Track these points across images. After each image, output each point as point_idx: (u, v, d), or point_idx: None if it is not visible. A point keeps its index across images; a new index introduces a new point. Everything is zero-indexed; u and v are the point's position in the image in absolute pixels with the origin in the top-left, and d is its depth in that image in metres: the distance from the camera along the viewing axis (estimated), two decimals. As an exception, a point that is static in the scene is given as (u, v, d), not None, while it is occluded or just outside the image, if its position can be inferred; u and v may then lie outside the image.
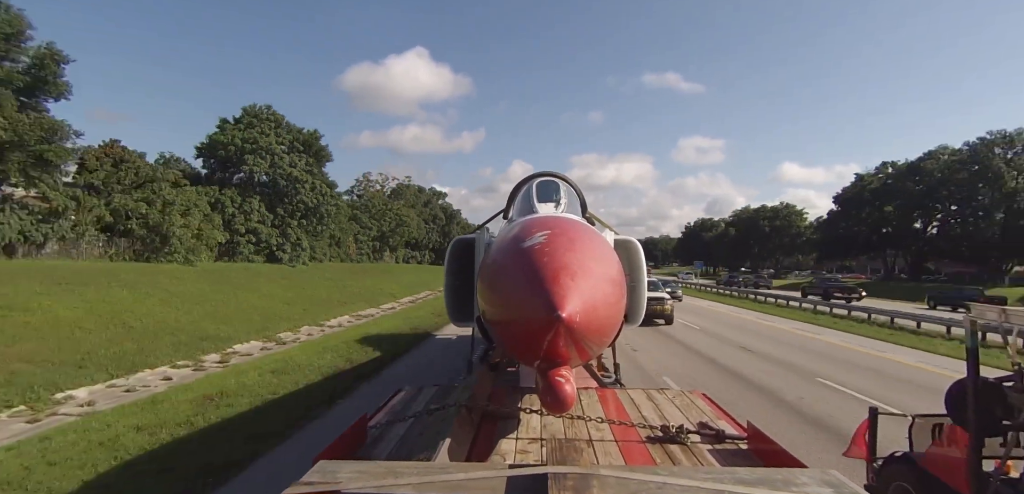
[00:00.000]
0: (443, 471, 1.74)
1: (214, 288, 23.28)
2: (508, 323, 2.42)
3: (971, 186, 50.23)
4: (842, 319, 24.77)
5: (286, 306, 23.82)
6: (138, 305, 17.72)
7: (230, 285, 25.16)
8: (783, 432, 7.50)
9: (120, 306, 17.00)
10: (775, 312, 29.01)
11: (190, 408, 8.76)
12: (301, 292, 28.05)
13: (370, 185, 73.23)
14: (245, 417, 8.53)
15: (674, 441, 2.88)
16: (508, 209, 5.19)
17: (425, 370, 12.52)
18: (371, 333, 18.64)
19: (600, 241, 2.75)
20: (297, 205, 37.08)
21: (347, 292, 31.40)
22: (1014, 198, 47.89)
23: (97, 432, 7.50)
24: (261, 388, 10.30)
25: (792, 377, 11.89)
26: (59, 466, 6.27)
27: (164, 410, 8.65)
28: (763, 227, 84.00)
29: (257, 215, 34.52)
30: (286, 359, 13.28)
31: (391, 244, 65.28)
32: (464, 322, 5.31)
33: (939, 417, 3.59)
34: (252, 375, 11.41)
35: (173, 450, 6.99)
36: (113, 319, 15.69)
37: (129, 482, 6.00)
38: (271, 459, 6.82)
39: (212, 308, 19.92)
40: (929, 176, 52.66)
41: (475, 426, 3.09)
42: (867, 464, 4.07)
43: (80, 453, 6.67)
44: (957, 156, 51.61)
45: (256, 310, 21.53)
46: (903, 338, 18.48)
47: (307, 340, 17.64)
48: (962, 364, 10.21)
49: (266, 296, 24.96)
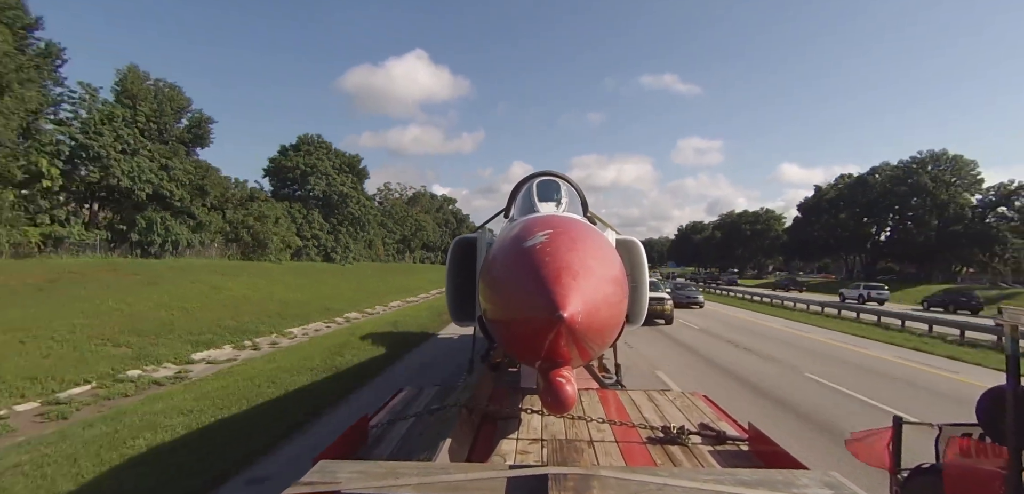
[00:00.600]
0: (443, 471, 1.78)
1: (302, 279, 32.72)
2: (509, 323, 2.42)
3: (907, 198, 59.17)
4: (791, 310, 30.48)
5: (354, 292, 33.18)
6: (272, 288, 27.12)
7: (308, 277, 34.64)
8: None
9: (264, 288, 26.39)
10: (738, 304, 36.14)
11: (351, 336, 17.92)
12: (359, 284, 37.46)
13: (390, 194, 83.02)
14: (394, 339, 17.63)
15: (675, 442, 2.89)
16: (509, 208, 5.12)
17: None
18: (423, 310, 27.79)
19: (602, 241, 2.72)
20: (346, 215, 46.82)
21: (389, 285, 40.76)
22: (946, 208, 56.66)
23: (301, 351, 16.25)
24: (393, 330, 19.49)
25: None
26: (286, 369, 11.88)
27: (336, 339, 17.70)
28: (745, 231, 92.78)
29: (317, 224, 44.10)
30: (394, 319, 22.59)
31: (411, 246, 74.96)
32: (466, 322, 5.26)
33: (968, 426, 3.32)
34: (383, 324, 20.75)
35: (349, 353, 15.28)
36: (266, 296, 25.04)
37: (328, 366, 12.52)
38: (409, 359, 15.66)
39: (315, 292, 29.32)
40: (872, 189, 61.64)
41: (476, 426, 3.10)
42: (891, 476, 3.73)
43: (295, 362, 12.59)
44: (896, 171, 60.56)
45: (338, 294, 30.86)
46: (828, 322, 24.61)
47: (388, 312, 26.92)
48: (851, 338, 17.40)
49: (336, 285, 34.41)
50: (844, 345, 17.12)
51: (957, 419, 3.58)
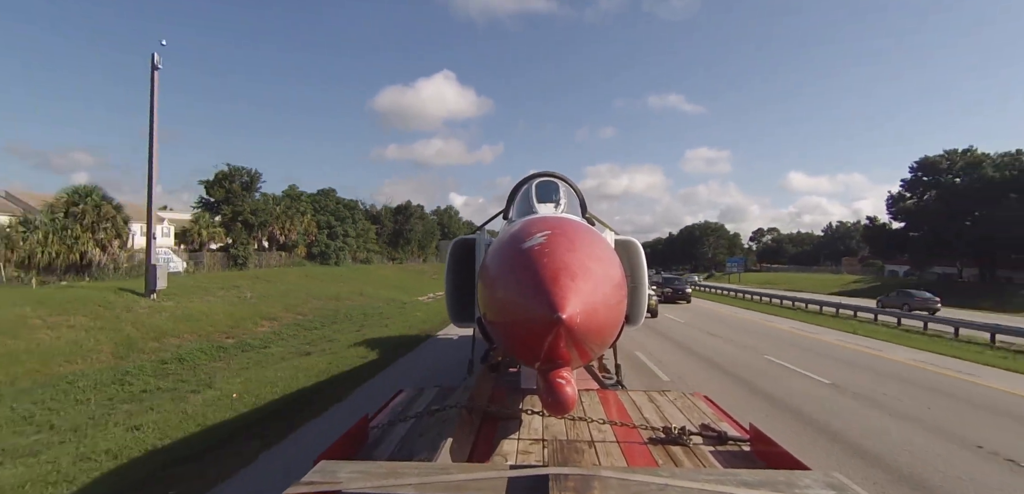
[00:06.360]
0: (444, 472, 1.77)
1: (361, 274, 43.28)
2: (508, 324, 2.37)
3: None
4: (727, 296, 41.40)
5: (430, 281, 45.90)
6: (356, 280, 37.86)
7: (363, 275, 44.01)
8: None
9: (347, 284, 34.90)
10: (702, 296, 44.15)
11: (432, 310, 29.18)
12: (416, 278, 48.20)
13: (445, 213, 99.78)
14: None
15: (676, 442, 2.87)
16: (508, 209, 5.06)
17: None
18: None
19: (601, 241, 2.70)
20: (412, 235, 67.84)
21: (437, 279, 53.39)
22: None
23: (411, 309, 27.61)
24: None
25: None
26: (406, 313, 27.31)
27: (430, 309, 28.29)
28: (697, 237, 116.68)
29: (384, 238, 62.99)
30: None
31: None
32: (465, 323, 5.15)
33: None
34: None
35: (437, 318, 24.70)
36: (358, 286, 35.65)
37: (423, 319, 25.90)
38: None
39: (384, 284, 40.19)
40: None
41: (476, 427, 3.10)
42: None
43: (408, 313, 26.68)
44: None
45: (404, 286, 40.98)
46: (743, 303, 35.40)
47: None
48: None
49: (397, 278, 46.90)
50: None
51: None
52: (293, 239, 41.67)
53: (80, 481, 5.76)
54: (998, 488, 5.60)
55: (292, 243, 41.88)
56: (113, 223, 24.02)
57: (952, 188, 52.13)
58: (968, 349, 16.06)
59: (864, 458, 6.38)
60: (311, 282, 31.40)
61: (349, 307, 25.92)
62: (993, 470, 6.09)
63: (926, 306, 30.43)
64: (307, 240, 44.26)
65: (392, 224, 65.42)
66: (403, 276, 49.47)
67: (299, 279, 31.70)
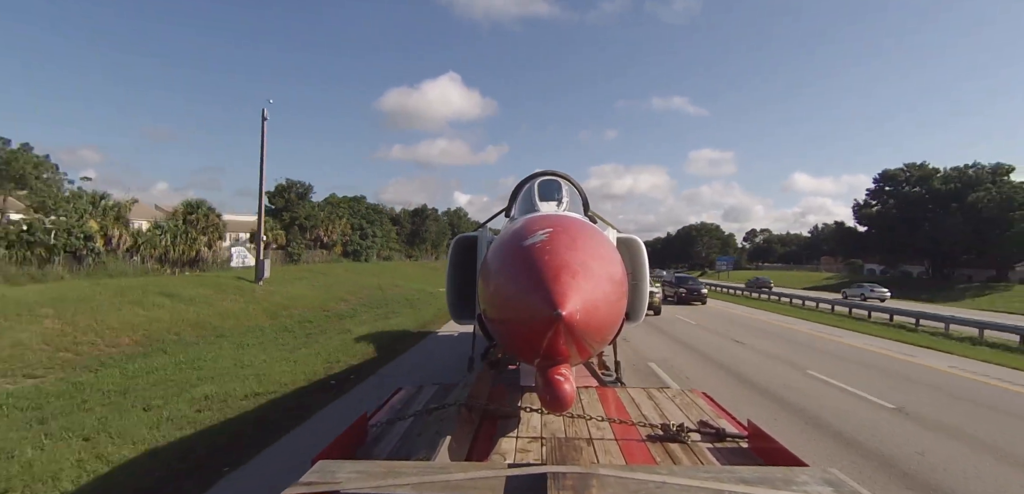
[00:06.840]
0: (443, 470, 1.79)
1: (390, 269, 51.00)
2: (508, 321, 2.43)
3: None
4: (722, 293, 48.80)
5: (435, 277, 50.79)
6: (387, 274, 44.50)
7: (391, 270, 52.80)
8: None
9: (381, 277, 43.93)
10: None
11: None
12: (433, 274, 55.03)
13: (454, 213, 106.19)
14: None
15: (675, 440, 2.89)
16: (510, 207, 5.17)
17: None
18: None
19: (602, 239, 2.72)
20: (427, 236, 73.48)
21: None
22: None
23: (440, 297, 33.87)
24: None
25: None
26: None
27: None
28: (693, 237, 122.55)
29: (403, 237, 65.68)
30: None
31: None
32: (465, 320, 5.26)
33: None
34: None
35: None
36: (391, 280, 42.28)
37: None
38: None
39: (410, 278, 46.69)
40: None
41: (475, 425, 3.11)
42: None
43: (439, 299, 34.10)
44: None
45: (426, 279, 48.14)
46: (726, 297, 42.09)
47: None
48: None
49: (418, 273, 52.29)
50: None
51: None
52: (333, 239, 49.47)
53: (353, 349, 14.09)
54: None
55: (332, 242, 49.64)
56: (215, 228, 31.58)
57: (908, 197, 60.19)
58: (899, 332, 21.12)
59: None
60: (355, 275, 38.66)
61: (392, 294, 32.98)
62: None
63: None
64: (343, 240, 51.94)
65: (410, 225, 73.57)
66: (422, 271, 56.98)
67: (346, 272, 39.07)
